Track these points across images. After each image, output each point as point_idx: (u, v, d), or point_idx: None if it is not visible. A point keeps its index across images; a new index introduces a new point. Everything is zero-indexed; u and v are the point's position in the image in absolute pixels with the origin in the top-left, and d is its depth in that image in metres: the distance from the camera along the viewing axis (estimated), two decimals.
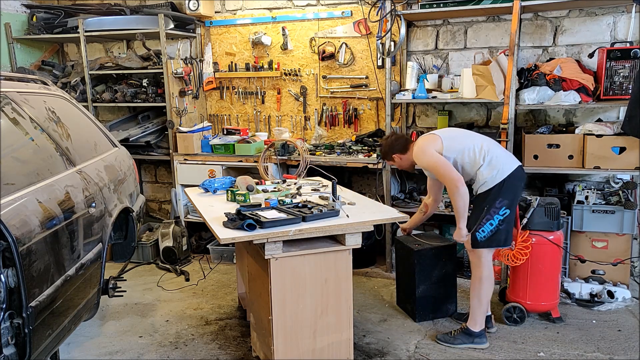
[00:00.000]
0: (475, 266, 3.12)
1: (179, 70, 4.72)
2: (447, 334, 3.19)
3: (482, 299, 3.11)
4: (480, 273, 3.10)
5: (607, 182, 4.03)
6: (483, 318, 3.14)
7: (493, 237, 3.04)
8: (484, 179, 3.05)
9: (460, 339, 3.13)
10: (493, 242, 3.06)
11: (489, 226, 3.03)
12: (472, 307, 3.13)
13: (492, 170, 3.04)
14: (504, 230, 3.05)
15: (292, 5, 4.79)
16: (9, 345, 2.08)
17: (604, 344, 3.12)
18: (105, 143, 3.57)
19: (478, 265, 3.10)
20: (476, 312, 3.12)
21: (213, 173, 4.58)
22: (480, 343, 3.11)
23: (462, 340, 3.12)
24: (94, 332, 3.42)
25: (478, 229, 3.04)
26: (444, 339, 3.17)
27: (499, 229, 3.03)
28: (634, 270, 3.96)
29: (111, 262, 4.64)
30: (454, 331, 3.19)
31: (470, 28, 4.29)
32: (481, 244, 3.05)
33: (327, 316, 2.62)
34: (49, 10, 5.14)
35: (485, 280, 3.09)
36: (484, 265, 3.09)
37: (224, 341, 3.27)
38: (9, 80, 2.88)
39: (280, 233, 2.42)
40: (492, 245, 3.07)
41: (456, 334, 3.16)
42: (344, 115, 4.73)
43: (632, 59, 3.53)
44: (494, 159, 3.08)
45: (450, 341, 3.14)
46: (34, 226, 2.19)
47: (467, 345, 3.10)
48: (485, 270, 3.09)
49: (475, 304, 3.11)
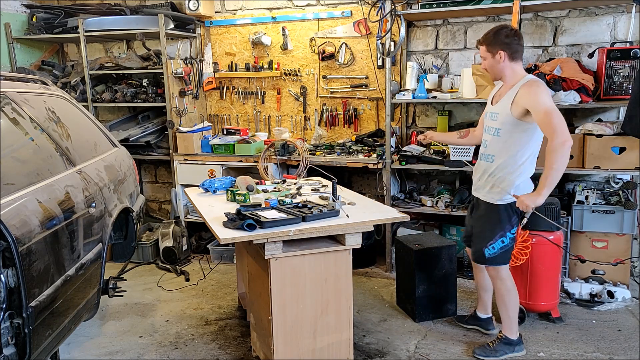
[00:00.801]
0: (495, 279, 2.93)
1: (179, 70, 4.72)
2: (485, 347, 2.99)
3: (510, 311, 2.94)
4: (502, 286, 2.92)
5: (607, 182, 4.03)
6: (517, 325, 2.99)
7: (501, 254, 2.85)
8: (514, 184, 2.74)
9: (502, 350, 2.95)
10: (500, 260, 2.87)
11: (500, 243, 2.84)
12: (503, 318, 2.98)
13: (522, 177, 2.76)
14: (510, 248, 2.88)
15: (292, 5, 4.79)
16: (9, 345, 2.08)
17: (604, 344, 3.12)
18: (105, 143, 3.57)
19: (498, 279, 2.92)
20: (510, 322, 2.96)
21: (213, 173, 4.58)
22: (520, 350, 2.97)
23: (504, 350, 2.95)
24: (94, 332, 3.42)
25: (488, 245, 2.84)
26: (484, 354, 2.96)
27: (509, 247, 2.86)
28: (634, 270, 3.96)
29: (111, 262, 4.65)
30: (492, 343, 3.00)
31: (470, 28, 4.29)
32: (488, 260, 2.87)
33: (327, 316, 2.62)
34: (49, 10, 5.14)
35: (508, 293, 2.91)
36: (504, 279, 2.91)
37: (224, 341, 3.27)
38: (9, 80, 2.88)
39: (280, 233, 2.42)
40: (496, 263, 2.87)
41: (495, 346, 2.97)
42: (344, 115, 4.73)
43: (632, 59, 3.53)
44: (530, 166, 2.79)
45: (491, 354, 2.94)
46: (34, 226, 2.19)
47: (509, 355, 2.94)
48: (508, 283, 2.91)
49: (505, 314, 2.96)
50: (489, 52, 2.77)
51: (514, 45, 2.73)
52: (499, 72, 2.80)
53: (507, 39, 2.72)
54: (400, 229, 4.45)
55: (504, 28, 2.76)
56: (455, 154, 3.94)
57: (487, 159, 2.87)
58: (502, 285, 2.91)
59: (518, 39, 2.75)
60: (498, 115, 2.80)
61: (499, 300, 2.96)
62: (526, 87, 2.67)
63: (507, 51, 2.73)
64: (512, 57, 2.74)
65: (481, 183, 2.92)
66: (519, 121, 2.70)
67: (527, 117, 2.67)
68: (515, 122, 2.71)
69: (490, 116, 2.88)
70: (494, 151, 2.83)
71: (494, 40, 2.74)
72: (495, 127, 2.82)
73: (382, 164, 4.13)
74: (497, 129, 2.80)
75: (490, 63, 2.79)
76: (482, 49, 2.81)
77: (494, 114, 2.84)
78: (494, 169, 2.80)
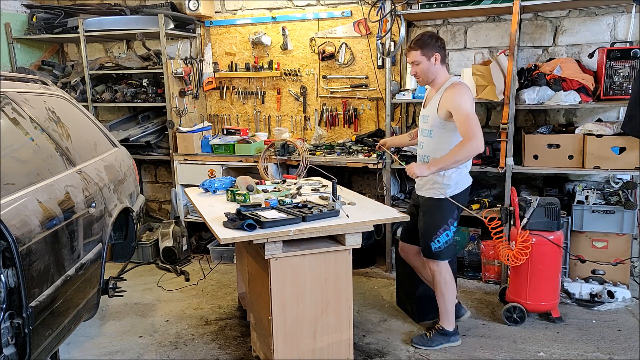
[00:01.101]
0: (436, 272, 3.06)
1: (179, 70, 4.72)
2: (423, 337, 3.14)
3: (447, 303, 3.08)
4: (442, 280, 3.05)
5: (607, 182, 4.03)
6: (453, 316, 3.13)
7: (446, 249, 3.00)
8: (454, 180, 2.93)
9: (438, 340, 3.09)
10: (446, 254, 3.02)
11: (445, 237, 2.99)
12: (441, 310, 3.11)
13: (462, 174, 2.97)
14: (453, 243, 3.05)
15: (292, 5, 4.79)
16: (9, 345, 2.08)
17: (604, 344, 3.12)
18: (105, 143, 3.57)
19: (438, 272, 3.05)
20: (447, 314, 3.10)
21: (213, 173, 4.58)
22: (455, 341, 3.12)
23: (439, 340, 3.09)
24: (94, 332, 3.42)
25: (434, 239, 2.98)
26: (421, 343, 3.11)
27: (453, 242, 3.02)
28: (634, 270, 3.96)
29: (111, 262, 4.65)
30: (429, 333, 3.14)
31: (470, 28, 4.29)
32: (435, 254, 3.00)
33: (327, 316, 2.62)
34: (49, 10, 5.14)
35: (446, 286, 3.05)
36: (444, 272, 3.05)
37: (224, 341, 3.27)
38: (9, 80, 2.88)
39: (280, 233, 2.42)
40: (443, 257, 3.02)
41: (432, 336, 3.11)
42: (344, 115, 4.73)
43: (632, 59, 3.53)
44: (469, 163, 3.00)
45: (428, 344, 3.09)
46: (34, 226, 2.19)
47: (444, 345, 3.09)
48: (447, 277, 3.05)
49: (443, 307, 3.09)
50: (424, 56, 2.89)
51: (443, 49, 2.94)
52: (432, 75, 2.94)
53: (438, 43, 2.92)
54: (400, 229, 4.44)
55: (432, 33, 2.99)
56: None
57: (423, 159, 3.04)
58: (442, 279, 3.05)
59: (444, 44, 2.98)
60: (428, 117, 2.98)
61: (438, 293, 3.09)
62: (450, 89, 2.85)
63: (440, 54, 2.90)
64: (443, 60, 2.94)
65: (422, 182, 3.05)
66: (446, 122, 2.87)
67: (452, 118, 2.83)
68: (444, 123, 2.88)
69: (422, 119, 3.06)
70: (429, 151, 2.99)
71: (429, 44, 2.89)
72: (427, 129, 3.00)
73: (382, 164, 4.13)
74: (429, 131, 2.98)
75: (426, 66, 2.91)
76: (415, 53, 2.91)
77: (425, 117, 3.02)
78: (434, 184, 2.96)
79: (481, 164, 3.93)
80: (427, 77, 2.96)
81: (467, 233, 4.27)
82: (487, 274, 4.04)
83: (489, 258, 4.00)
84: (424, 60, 2.90)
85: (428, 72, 2.93)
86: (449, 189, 2.93)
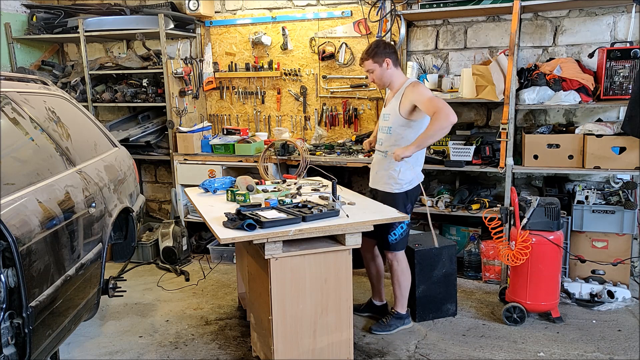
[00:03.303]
0: (394, 262, 3.25)
1: (179, 70, 4.72)
2: (380, 324, 3.31)
3: (403, 290, 3.29)
4: (399, 268, 3.25)
5: (607, 182, 4.03)
6: (406, 301, 3.33)
7: (401, 240, 3.21)
8: (408, 177, 3.12)
9: (395, 324, 3.30)
10: (402, 245, 3.23)
11: (400, 229, 3.17)
12: (397, 296, 3.31)
13: (415, 172, 3.14)
14: (407, 235, 3.25)
15: (292, 5, 4.79)
16: (9, 345, 2.08)
17: (604, 344, 3.12)
18: (105, 143, 3.57)
19: (396, 261, 3.24)
20: (402, 299, 3.32)
21: (213, 173, 4.58)
22: (408, 323, 3.35)
23: (395, 324, 3.30)
24: (94, 332, 3.42)
25: (390, 232, 3.16)
26: (380, 329, 3.29)
27: (407, 234, 3.22)
28: (634, 270, 3.96)
29: (111, 262, 4.65)
30: (385, 319, 3.33)
31: (470, 28, 4.29)
32: (392, 245, 3.20)
33: (327, 316, 2.62)
34: (49, 10, 5.13)
35: (403, 273, 3.27)
36: (401, 261, 3.25)
37: (224, 341, 3.27)
38: (9, 80, 2.88)
39: (280, 233, 2.42)
40: (400, 248, 3.22)
41: (389, 321, 3.31)
42: (344, 115, 4.73)
43: (632, 59, 3.53)
44: (420, 159, 3.19)
45: (386, 329, 3.29)
46: (34, 226, 2.19)
47: (400, 328, 3.30)
48: (403, 266, 3.26)
49: (399, 292, 3.30)
50: (376, 63, 3.11)
51: (393, 54, 3.13)
52: (387, 79, 3.16)
53: (388, 49, 3.13)
54: None
55: (379, 42, 3.19)
56: (455, 153, 3.94)
57: (382, 154, 3.23)
58: (399, 268, 3.26)
59: (394, 49, 3.17)
60: (389, 116, 3.17)
61: (395, 281, 3.29)
62: (410, 87, 3.08)
63: (391, 58, 3.10)
64: (395, 64, 3.14)
65: (378, 176, 3.25)
66: (406, 120, 3.08)
67: (413, 115, 3.06)
68: (404, 120, 3.08)
69: (383, 117, 3.25)
70: (387, 147, 3.18)
71: (378, 52, 3.10)
72: (387, 127, 3.18)
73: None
74: (389, 127, 3.17)
75: (380, 72, 3.13)
76: (367, 63, 3.14)
77: (387, 115, 3.21)
78: (388, 163, 3.15)
79: (481, 164, 3.93)
80: (383, 82, 3.18)
81: (467, 233, 4.27)
82: (487, 274, 4.04)
83: (489, 258, 4.00)
84: (377, 67, 3.12)
85: (383, 76, 3.14)
86: (404, 184, 3.14)
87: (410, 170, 3.12)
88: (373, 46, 3.13)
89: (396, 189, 3.15)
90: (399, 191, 3.15)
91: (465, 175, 4.42)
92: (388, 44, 3.20)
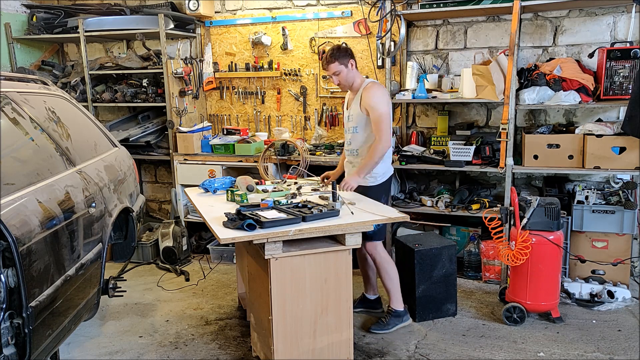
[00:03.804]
0: (374, 253, 3.29)
1: (179, 70, 4.72)
2: (379, 323, 3.31)
3: (393, 279, 3.30)
4: (380, 258, 3.29)
5: (607, 182, 4.03)
6: (401, 296, 3.34)
7: (378, 231, 3.24)
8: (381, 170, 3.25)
9: (393, 322, 3.30)
10: (377, 236, 3.26)
11: None
12: (390, 290, 3.32)
13: (386, 165, 3.29)
14: (384, 226, 3.31)
15: (292, 5, 4.79)
16: (9, 345, 2.08)
17: (604, 344, 3.12)
18: (105, 143, 3.57)
19: (376, 252, 3.29)
20: (396, 293, 3.32)
21: (213, 173, 4.58)
22: (407, 320, 3.35)
23: (394, 322, 3.30)
24: (94, 332, 3.42)
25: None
26: (379, 328, 3.28)
27: (383, 224, 3.23)
28: (634, 270, 3.96)
29: (111, 262, 4.65)
30: (384, 318, 3.33)
31: (470, 28, 4.29)
32: (369, 236, 3.22)
33: (327, 316, 2.62)
34: (49, 10, 5.14)
35: (388, 264, 3.30)
36: (380, 251, 3.29)
37: (224, 341, 3.27)
38: (9, 80, 2.88)
39: (280, 233, 2.42)
40: (377, 238, 3.28)
41: (387, 320, 3.30)
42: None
43: (632, 59, 3.53)
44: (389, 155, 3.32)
45: (386, 328, 3.28)
46: (34, 226, 2.19)
47: (399, 326, 3.30)
48: (384, 255, 3.30)
49: (390, 285, 3.31)
50: (342, 65, 3.23)
51: (353, 57, 3.29)
52: (351, 80, 3.29)
53: (349, 51, 3.28)
54: (400, 229, 4.45)
55: (339, 46, 3.36)
56: (455, 154, 3.94)
57: (352, 153, 3.39)
58: (381, 258, 3.30)
59: (352, 53, 3.32)
60: (352, 116, 3.32)
61: (382, 272, 3.31)
62: (366, 89, 3.23)
63: (353, 60, 3.26)
64: (356, 66, 3.30)
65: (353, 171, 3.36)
66: (368, 118, 3.22)
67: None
68: (366, 119, 3.24)
69: (348, 118, 3.39)
70: (356, 146, 3.35)
71: (343, 54, 3.24)
72: (352, 126, 3.35)
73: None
74: (354, 127, 3.33)
75: (346, 74, 3.26)
76: (334, 65, 3.25)
77: (350, 116, 3.35)
78: (360, 160, 3.30)
79: (481, 164, 3.94)
80: (348, 83, 3.31)
81: (467, 233, 4.27)
82: (487, 274, 4.04)
83: (489, 258, 4.00)
84: (343, 68, 3.24)
85: (348, 78, 3.27)
86: (378, 177, 3.29)
87: (383, 162, 3.26)
88: (336, 49, 3.27)
89: (371, 182, 3.28)
90: (374, 184, 3.29)
91: (465, 175, 4.42)
92: (347, 47, 3.39)
